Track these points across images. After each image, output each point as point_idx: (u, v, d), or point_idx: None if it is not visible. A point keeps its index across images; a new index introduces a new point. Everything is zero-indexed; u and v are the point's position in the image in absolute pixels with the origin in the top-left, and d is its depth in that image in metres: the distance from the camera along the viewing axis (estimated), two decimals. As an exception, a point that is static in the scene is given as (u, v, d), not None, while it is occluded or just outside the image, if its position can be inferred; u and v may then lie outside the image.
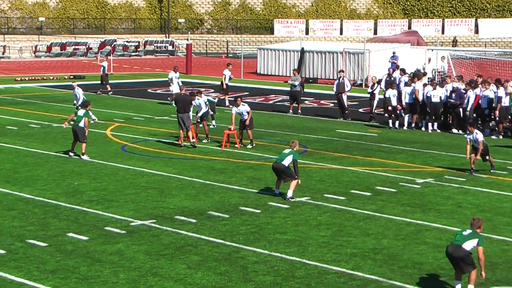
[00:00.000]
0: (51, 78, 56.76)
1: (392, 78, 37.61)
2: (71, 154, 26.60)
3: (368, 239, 17.58)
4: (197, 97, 30.00)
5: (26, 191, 21.65)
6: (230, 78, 42.17)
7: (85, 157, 26.23)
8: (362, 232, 18.13)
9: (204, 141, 29.80)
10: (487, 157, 25.05)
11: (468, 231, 14.21)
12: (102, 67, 47.31)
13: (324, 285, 14.62)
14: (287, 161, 20.94)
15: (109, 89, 46.89)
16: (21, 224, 18.41)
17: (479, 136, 24.47)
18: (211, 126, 32.59)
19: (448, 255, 14.18)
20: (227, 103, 41.29)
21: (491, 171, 25.03)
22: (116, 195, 21.35)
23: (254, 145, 29.03)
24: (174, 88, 40.92)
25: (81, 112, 26.81)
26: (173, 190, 22.05)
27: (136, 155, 27.33)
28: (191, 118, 28.92)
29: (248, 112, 29.06)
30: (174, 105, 30.13)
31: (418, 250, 16.79)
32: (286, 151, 21.27)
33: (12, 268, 15.27)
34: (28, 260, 15.77)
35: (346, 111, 37.47)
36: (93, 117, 32.94)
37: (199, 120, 30.11)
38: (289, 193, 20.91)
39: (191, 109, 29.06)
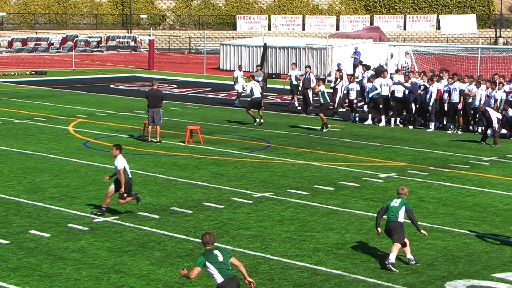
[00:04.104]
0: (12, 74, 56.25)
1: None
2: None
3: (331, 234, 17.62)
4: None
5: (-13, 188, 21.43)
6: (296, 78, 40.68)
7: None
8: (325, 227, 18.16)
9: None
10: None
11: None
12: None
13: (287, 280, 14.63)
14: None
15: None
16: (-18, 221, 18.22)
17: None
18: None
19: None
20: (296, 104, 40.23)
21: None
22: (78, 191, 21.20)
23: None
24: (239, 87, 39.84)
25: None
26: (136, 186, 21.85)
27: (99, 151, 27.16)
28: (161, 114, 28.86)
29: None
30: (238, 105, 30.01)
31: (380, 244, 16.82)
32: None
33: (-27, 266, 15.13)
34: (-11, 258, 15.63)
35: (310, 107, 37.60)
36: None
37: None
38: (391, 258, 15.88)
39: (162, 104, 29.06)
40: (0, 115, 34.89)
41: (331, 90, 37.73)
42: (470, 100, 32.24)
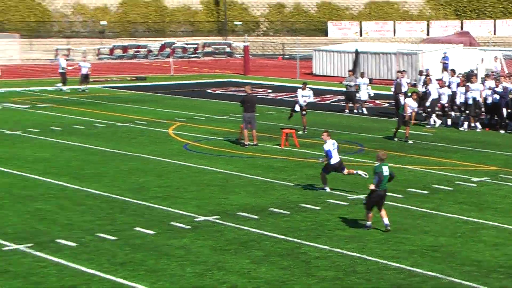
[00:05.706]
0: (114, 79, 57.65)
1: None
2: None
3: (426, 236, 17.82)
4: None
5: (94, 187, 22.35)
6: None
7: None
8: (420, 229, 18.37)
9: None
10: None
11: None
12: (85, 68, 49.08)
13: (384, 280, 14.92)
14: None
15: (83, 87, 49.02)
16: (90, 218, 19.07)
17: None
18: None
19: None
20: None
21: None
22: (180, 191, 21.93)
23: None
24: (363, 95, 40.05)
25: None
26: (235, 187, 22.53)
27: (198, 153, 27.93)
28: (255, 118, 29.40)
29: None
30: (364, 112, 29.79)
31: (475, 248, 16.96)
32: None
33: (84, 260, 15.91)
34: (98, 253, 16.41)
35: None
36: None
37: None
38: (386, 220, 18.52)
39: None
40: (104, 119, 35.98)
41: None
42: None
